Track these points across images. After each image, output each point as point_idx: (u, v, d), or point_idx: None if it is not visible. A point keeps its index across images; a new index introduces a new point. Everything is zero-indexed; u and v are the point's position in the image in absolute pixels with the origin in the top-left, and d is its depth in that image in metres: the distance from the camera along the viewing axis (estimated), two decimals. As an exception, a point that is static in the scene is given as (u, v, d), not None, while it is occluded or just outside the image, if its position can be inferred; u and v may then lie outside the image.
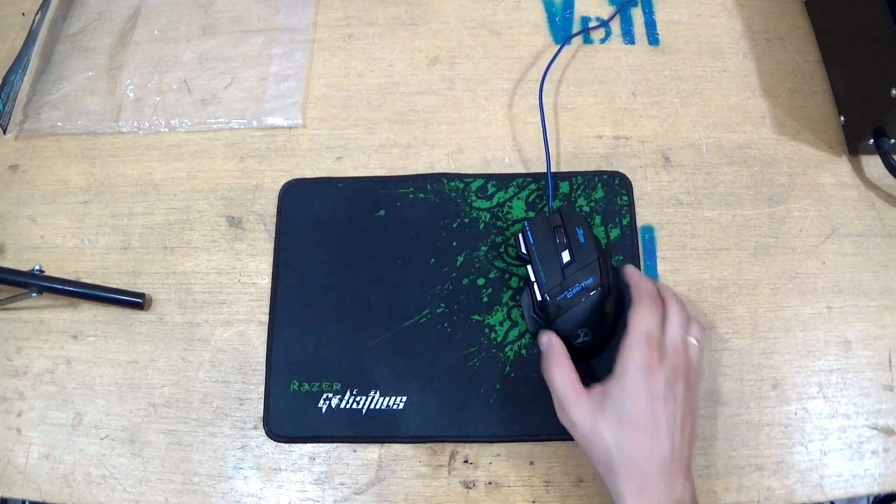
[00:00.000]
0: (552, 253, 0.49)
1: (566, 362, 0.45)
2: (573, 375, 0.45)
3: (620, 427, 0.41)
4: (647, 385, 0.41)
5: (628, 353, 0.43)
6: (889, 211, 0.55)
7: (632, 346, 0.43)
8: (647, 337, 0.43)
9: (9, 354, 0.53)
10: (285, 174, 0.58)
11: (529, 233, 0.51)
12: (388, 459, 0.49)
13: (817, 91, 0.60)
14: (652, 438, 0.41)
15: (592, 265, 0.48)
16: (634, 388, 0.41)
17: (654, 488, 0.40)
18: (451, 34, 0.63)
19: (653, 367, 0.42)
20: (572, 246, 0.49)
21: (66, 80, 0.63)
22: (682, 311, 0.45)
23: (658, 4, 0.64)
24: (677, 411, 0.41)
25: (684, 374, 0.43)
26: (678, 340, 0.44)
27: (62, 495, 0.49)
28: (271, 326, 0.53)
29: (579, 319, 0.48)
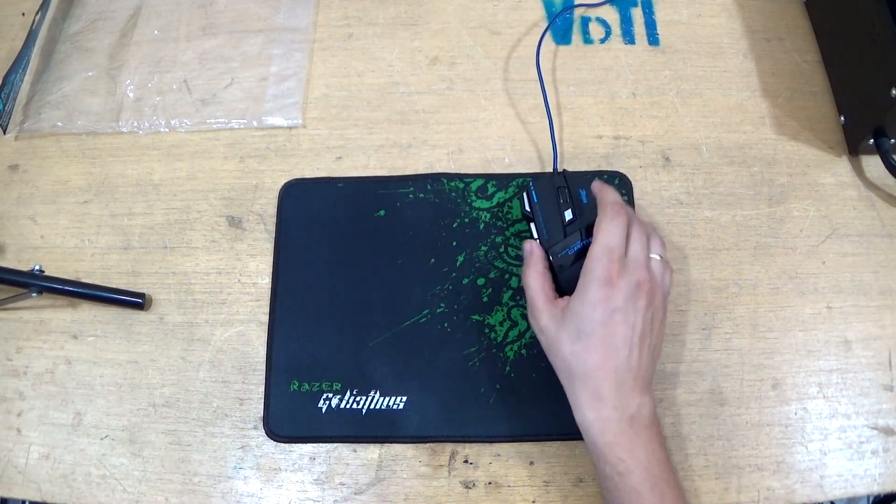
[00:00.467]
0: (555, 211, 0.50)
1: (542, 270, 0.47)
2: (547, 284, 0.46)
3: (578, 338, 0.42)
4: (605, 298, 0.42)
5: (590, 266, 0.43)
6: (889, 211, 0.55)
7: (593, 259, 0.43)
8: (609, 251, 0.43)
9: (9, 354, 0.53)
10: (285, 174, 0.58)
11: (534, 191, 0.51)
12: (388, 459, 0.49)
13: (817, 91, 0.60)
14: (607, 351, 0.41)
15: (593, 224, 0.48)
16: (593, 301, 0.42)
17: (609, 401, 0.41)
18: (451, 34, 0.63)
19: (612, 281, 0.42)
20: (575, 205, 0.50)
21: (66, 80, 0.63)
22: (643, 229, 0.46)
23: (658, 4, 0.64)
24: (636, 325, 0.42)
25: (647, 289, 0.43)
26: (640, 255, 0.44)
27: (62, 495, 0.49)
28: (271, 326, 0.53)
29: (577, 276, 0.47)
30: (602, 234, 0.44)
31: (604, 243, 0.43)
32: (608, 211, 0.45)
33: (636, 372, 0.42)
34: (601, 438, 0.41)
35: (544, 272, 0.47)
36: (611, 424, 0.41)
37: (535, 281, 0.46)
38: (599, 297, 0.42)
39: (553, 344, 0.44)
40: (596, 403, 0.41)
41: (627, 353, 0.41)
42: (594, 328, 0.42)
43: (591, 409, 0.41)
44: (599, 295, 0.42)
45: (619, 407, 0.41)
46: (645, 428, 0.41)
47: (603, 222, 0.44)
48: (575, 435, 0.49)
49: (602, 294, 0.42)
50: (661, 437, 0.42)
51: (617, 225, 0.44)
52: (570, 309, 0.43)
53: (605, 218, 0.45)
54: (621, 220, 0.44)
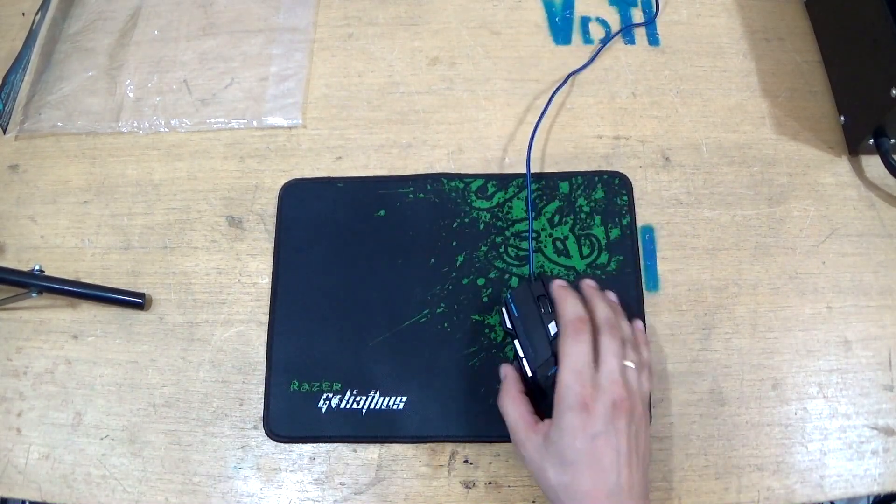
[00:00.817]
0: (538, 325, 0.47)
1: (519, 396, 0.45)
2: (525, 411, 0.44)
3: (563, 469, 0.40)
4: (583, 425, 0.40)
5: (562, 393, 0.41)
6: (889, 211, 0.55)
7: (563, 386, 0.41)
8: (578, 374, 0.41)
9: (9, 354, 0.53)
10: (285, 174, 0.58)
11: (513, 306, 0.49)
12: (388, 459, 0.49)
13: (817, 91, 0.60)
14: (595, 477, 0.40)
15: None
16: (571, 429, 0.40)
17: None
18: (451, 34, 0.63)
19: (587, 406, 0.41)
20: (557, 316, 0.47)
21: (66, 80, 0.63)
22: (614, 335, 0.44)
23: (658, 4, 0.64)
24: (621, 447, 0.40)
25: (626, 407, 0.41)
26: (614, 371, 0.42)
27: (62, 495, 0.49)
28: (271, 326, 0.53)
29: None
30: (567, 357, 0.42)
31: (570, 367, 0.42)
32: (568, 331, 0.43)
33: (630, 492, 0.40)
34: None
35: (520, 397, 0.45)
36: None
37: (511, 409, 0.44)
38: (577, 423, 0.40)
39: (539, 474, 0.42)
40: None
41: (616, 476, 0.40)
42: (577, 457, 0.40)
43: None
44: (577, 422, 0.40)
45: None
46: None
47: (566, 345, 0.43)
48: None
49: (579, 421, 0.40)
50: None
51: (580, 343, 0.43)
52: (550, 439, 0.41)
53: (566, 340, 0.43)
54: (584, 337, 0.43)
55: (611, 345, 0.43)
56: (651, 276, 0.53)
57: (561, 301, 0.46)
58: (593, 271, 0.53)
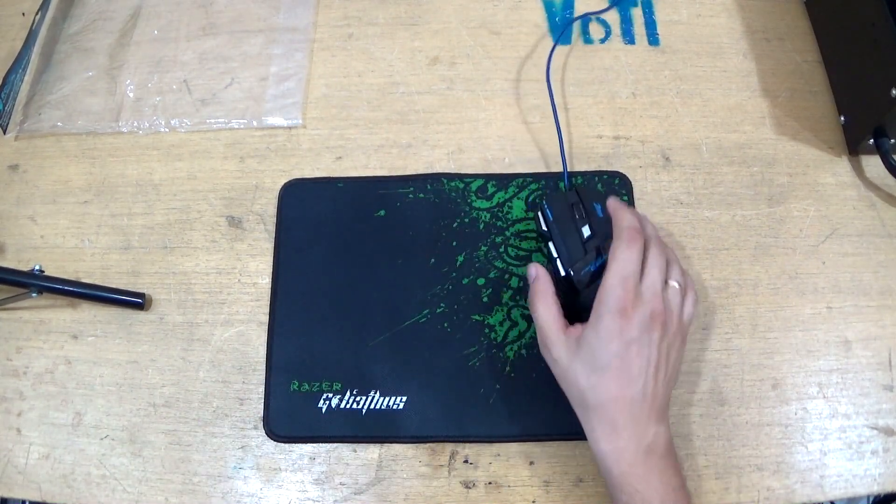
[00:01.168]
0: (572, 228, 0.49)
1: (551, 298, 0.45)
2: (557, 312, 0.45)
3: (593, 371, 0.41)
4: (620, 329, 0.41)
5: (604, 295, 0.42)
6: (889, 211, 0.55)
7: (607, 289, 0.42)
8: (624, 280, 0.42)
9: (9, 354, 0.53)
10: (285, 174, 0.58)
11: (549, 210, 0.50)
12: (388, 459, 0.49)
13: (817, 91, 0.60)
14: (622, 383, 0.41)
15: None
16: (608, 332, 0.41)
17: (625, 432, 0.40)
18: (451, 34, 0.63)
19: (627, 312, 0.41)
20: (591, 220, 0.49)
21: (66, 80, 0.63)
22: (661, 253, 0.45)
23: (658, 4, 0.64)
24: (651, 356, 0.41)
25: (662, 320, 0.42)
26: (656, 284, 0.43)
27: (62, 495, 0.49)
28: (271, 326, 0.53)
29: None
30: (616, 261, 0.43)
31: (618, 272, 0.42)
32: (623, 236, 0.44)
33: (651, 403, 0.41)
34: (617, 468, 0.40)
35: (554, 299, 0.45)
36: (626, 455, 0.40)
37: (545, 310, 0.45)
38: (614, 328, 0.41)
39: (567, 375, 0.43)
40: (611, 435, 0.41)
41: (643, 384, 0.41)
42: (609, 360, 0.41)
43: (607, 441, 0.41)
44: (614, 326, 0.41)
45: (635, 438, 0.40)
46: (661, 458, 0.41)
47: (618, 249, 0.43)
48: (575, 435, 0.49)
49: (617, 325, 0.41)
50: (676, 464, 0.42)
51: (632, 251, 0.43)
52: (585, 339, 0.42)
53: (620, 244, 0.44)
54: (637, 246, 0.44)
55: (657, 261, 0.44)
56: (651, 276, 0.53)
57: (618, 210, 0.46)
58: (593, 271, 0.53)
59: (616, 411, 0.41)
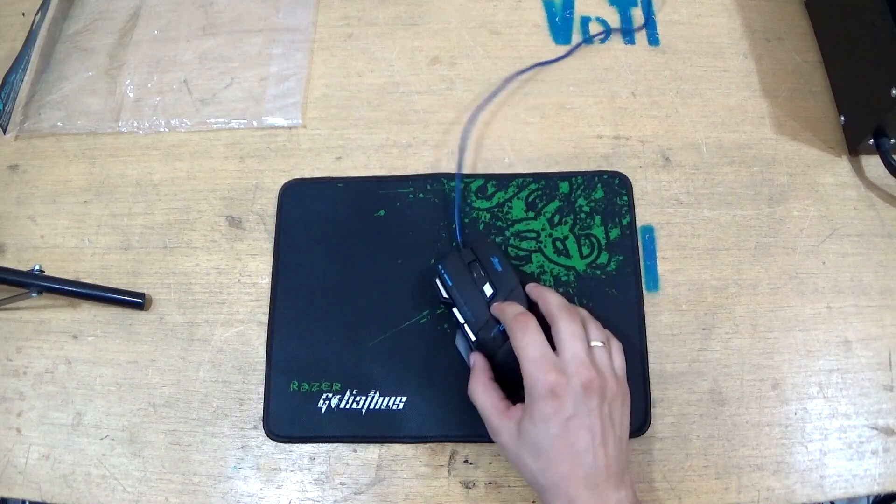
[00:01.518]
0: (473, 290, 0.48)
1: (489, 383, 0.45)
2: (495, 396, 0.44)
3: (538, 455, 0.40)
4: (554, 411, 0.40)
5: (528, 384, 0.41)
6: (889, 211, 0.55)
7: (529, 377, 0.41)
8: (539, 362, 0.41)
9: (9, 354, 0.53)
10: (285, 174, 0.58)
11: (446, 275, 0.49)
12: (388, 459, 0.49)
13: (817, 91, 0.60)
14: (571, 461, 0.40)
15: (516, 291, 0.48)
16: (543, 417, 0.40)
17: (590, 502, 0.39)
18: (451, 34, 0.63)
19: (556, 392, 0.40)
20: (491, 277, 0.48)
21: (66, 80, 0.63)
22: (572, 318, 0.43)
23: (658, 4, 0.64)
24: (594, 426, 0.40)
25: (597, 386, 0.41)
26: (578, 352, 0.42)
27: (62, 495, 0.49)
28: (271, 326, 0.53)
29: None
30: (521, 350, 0.42)
31: (529, 359, 0.41)
32: (513, 327, 0.43)
33: (606, 471, 0.40)
34: None
35: (490, 384, 0.45)
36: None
37: (482, 396, 0.44)
38: (549, 410, 0.40)
39: (516, 460, 0.42)
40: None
41: (592, 456, 0.39)
42: (551, 442, 0.40)
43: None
44: (548, 409, 0.40)
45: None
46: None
47: (515, 340, 0.42)
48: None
49: (550, 408, 0.40)
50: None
51: (528, 333, 0.42)
52: (523, 428, 0.41)
53: (515, 336, 0.43)
54: (531, 327, 0.43)
55: (568, 327, 0.43)
56: (651, 276, 0.53)
57: (498, 308, 0.46)
58: (593, 271, 0.53)
59: (571, 488, 0.39)
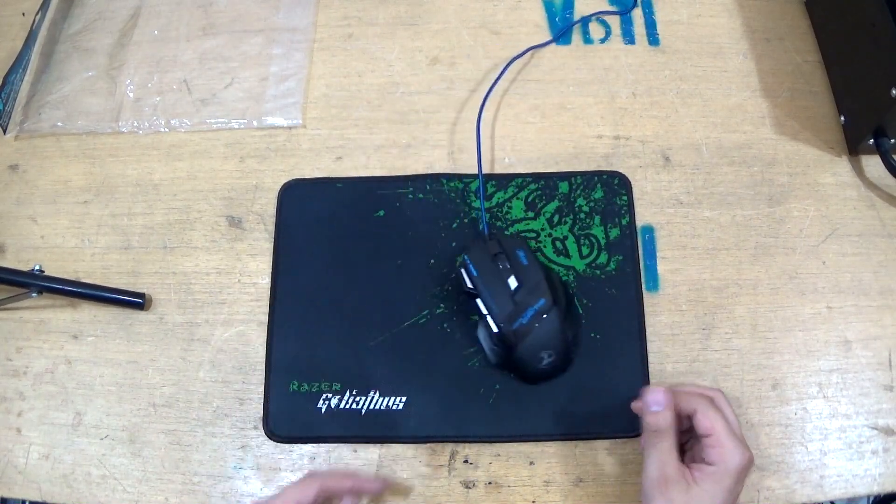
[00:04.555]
0: (498, 282, 0.48)
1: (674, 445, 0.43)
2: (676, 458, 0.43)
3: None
4: (735, 488, 0.41)
5: (734, 456, 0.41)
6: (889, 211, 0.55)
7: (738, 450, 0.41)
8: (735, 437, 0.42)
9: (9, 354, 0.53)
10: (285, 174, 0.58)
11: (471, 266, 0.49)
12: (388, 459, 0.49)
13: (817, 91, 0.60)
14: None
15: (540, 285, 0.48)
16: (729, 489, 0.40)
17: None
18: (451, 34, 0.63)
19: (745, 473, 0.41)
20: (517, 270, 0.48)
21: (66, 80, 0.63)
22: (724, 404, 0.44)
23: (658, 4, 0.64)
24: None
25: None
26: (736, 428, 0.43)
27: (62, 495, 0.49)
28: (271, 326, 0.53)
29: (540, 343, 0.47)
30: (716, 421, 0.41)
31: (726, 430, 0.41)
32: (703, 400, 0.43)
33: None
34: None
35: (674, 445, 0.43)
36: None
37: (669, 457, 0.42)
38: (733, 483, 0.41)
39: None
40: None
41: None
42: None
43: None
44: (734, 483, 0.41)
45: None
46: None
47: (707, 410, 0.42)
48: (575, 435, 0.49)
49: (737, 481, 0.41)
50: None
51: (724, 404, 0.43)
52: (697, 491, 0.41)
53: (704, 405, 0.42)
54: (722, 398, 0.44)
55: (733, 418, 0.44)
56: (651, 276, 0.53)
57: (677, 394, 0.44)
58: (593, 271, 0.53)
59: None
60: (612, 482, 0.48)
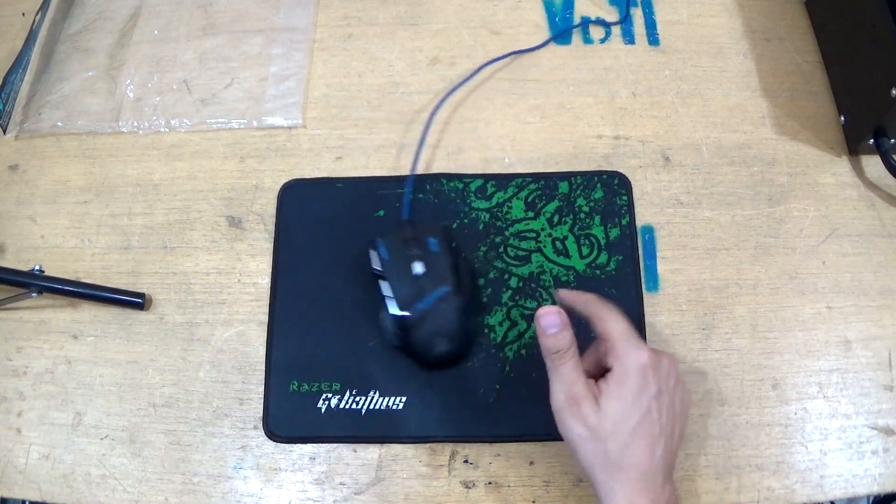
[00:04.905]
0: (404, 266, 0.49)
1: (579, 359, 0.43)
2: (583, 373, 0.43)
3: (617, 434, 0.40)
4: (645, 386, 0.40)
5: (618, 356, 0.41)
6: (889, 211, 0.55)
7: (618, 349, 0.41)
8: (630, 337, 0.41)
9: (9, 354, 0.53)
10: (285, 174, 0.58)
11: (383, 248, 0.50)
12: (388, 459, 0.49)
13: (817, 91, 0.60)
14: (650, 441, 0.40)
15: (445, 273, 0.48)
16: (634, 391, 0.40)
17: (650, 490, 0.39)
18: (451, 34, 0.63)
19: (649, 367, 0.41)
20: (426, 256, 0.49)
21: (66, 80, 0.63)
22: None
23: (658, 4, 0.64)
24: (673, 408, 0.41)
25: (675, 369, 0.42)
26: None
27: (62, 495, 0.49)
28: (271, 326, 0.53)
29: (435, 329, 0.48)
30: (606, 323, 0.42)
31: (618, 331, 0.41)
32: (594, 303, 0.43)
33: (672, 457, 0.41)
34: None
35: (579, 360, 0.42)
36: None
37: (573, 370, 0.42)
38: (640, 385, 0.40)
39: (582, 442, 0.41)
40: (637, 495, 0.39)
41: (667, 439, 0.40)
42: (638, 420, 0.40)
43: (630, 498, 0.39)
44: (640, 384, 0.40)
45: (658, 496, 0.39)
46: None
47: (596, 313, 0.42)
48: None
49: (643, 382, 0.40)
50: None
51: (613, 310, 0.43)
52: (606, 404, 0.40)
53: (596, 309, 0.42)
54: (611, 304, 0.43)
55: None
56: (651, 276, 0.53)
57: (576, 295, 0.45)
58: (593, 271, 0.53)
59: (645, 470, 0.39)
60: (612, 482, 0.48)
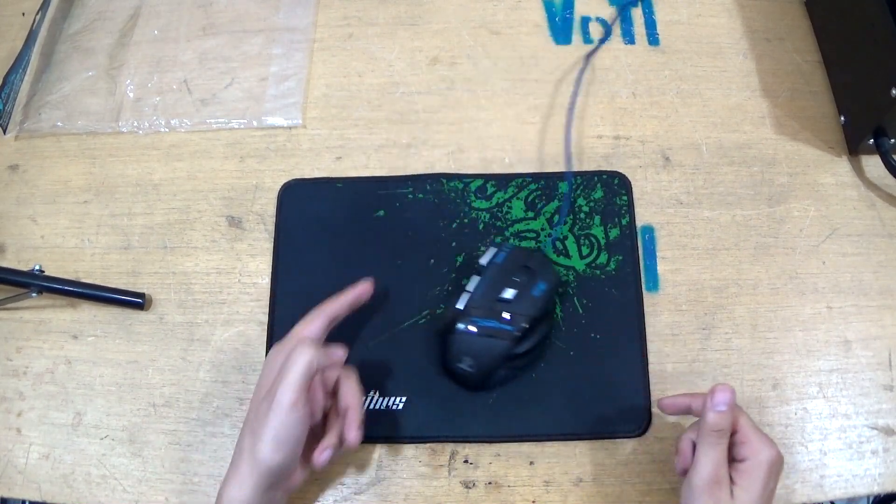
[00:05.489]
0: (502, 281, 0.49)
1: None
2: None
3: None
4: (769, 482, 0.41)
5: (763, 451, 0.41)
6: (889, 211, 0.55)
7: (765, 445, 0.41)
8: (764, 433, 0.42)
9: (9, 354, 0.53)
10: (285, 174, 0.58)
11: (502, 254, 0.50)
12: (388, 459, 0.49)
13: (817, 91, 0.60)
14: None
15: (522, 319, 0.48)
16: (764, 485, 0.40)
17: None
18: (451, 34, 0.63)
19: (776, 467, 0.41)
20: (522, 292, 0.48)
21: (66, 80, 0.63)
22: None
23: (658, 4, 0.64)
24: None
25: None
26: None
27: (62, 495, 0.49)
28: (271, 326, 0.53)
29: (473, 350, 0.48)
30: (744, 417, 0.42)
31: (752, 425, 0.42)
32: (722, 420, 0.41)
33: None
34: None
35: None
36: None
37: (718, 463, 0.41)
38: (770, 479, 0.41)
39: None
40: None
41: None
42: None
43: None
44: (771, 479, 0.41)
45: None
46: None
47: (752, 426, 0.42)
48: (575, 435, 0.49)
49: (773, 478, 0.41)
50: None
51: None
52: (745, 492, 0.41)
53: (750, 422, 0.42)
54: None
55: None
56: (651, 276, 0.53)
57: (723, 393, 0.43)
58: (593, 271, 0.53)
59: None
60: (612, 482, 0.48)
